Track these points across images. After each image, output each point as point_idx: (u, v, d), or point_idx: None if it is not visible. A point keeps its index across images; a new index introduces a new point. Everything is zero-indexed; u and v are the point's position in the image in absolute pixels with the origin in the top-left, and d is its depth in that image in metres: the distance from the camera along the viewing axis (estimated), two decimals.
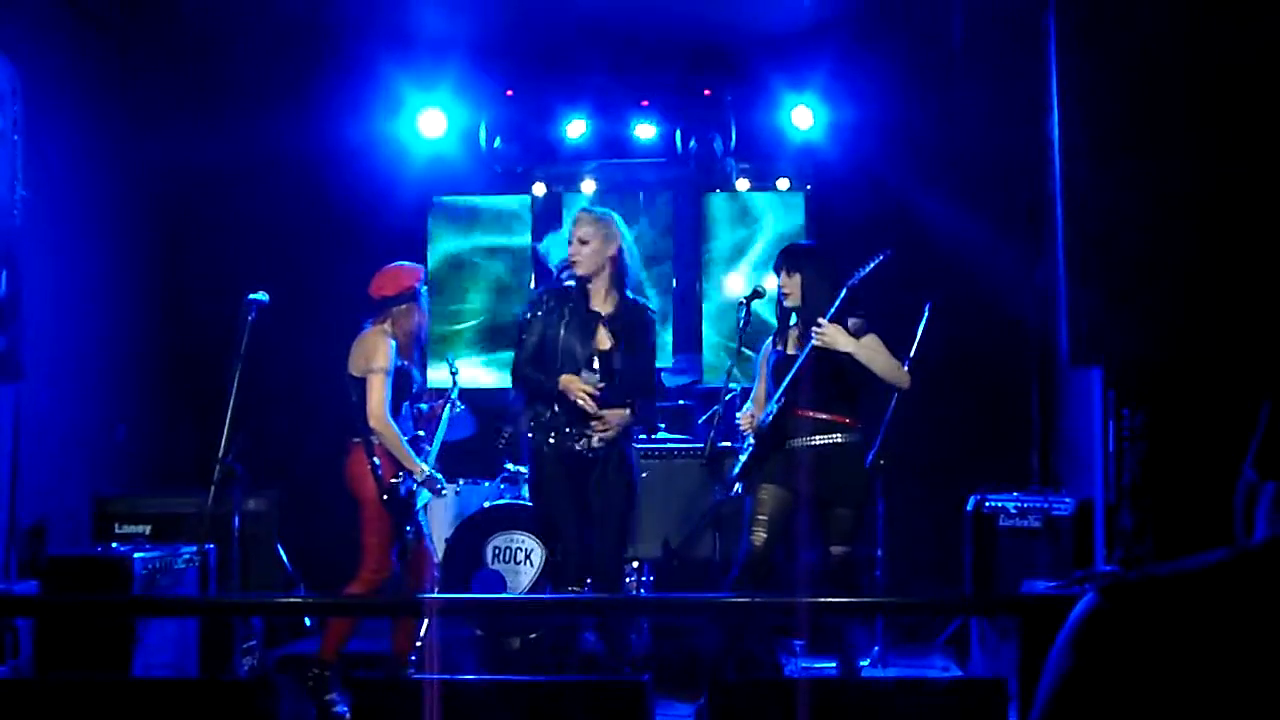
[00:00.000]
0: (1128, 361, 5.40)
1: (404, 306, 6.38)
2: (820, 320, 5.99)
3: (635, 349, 6.05)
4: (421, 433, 6.63)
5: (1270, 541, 1.57)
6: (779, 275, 6.28)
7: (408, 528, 6.33)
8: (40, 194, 6.32)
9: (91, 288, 7.62)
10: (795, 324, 6.26)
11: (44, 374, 6.59)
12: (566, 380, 5.94)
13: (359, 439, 6.27)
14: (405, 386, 6.39)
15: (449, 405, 6.92)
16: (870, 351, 6.07)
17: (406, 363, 6.38)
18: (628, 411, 6.04)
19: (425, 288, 6.51)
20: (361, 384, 6.26)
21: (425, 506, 6.55)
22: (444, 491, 6.61)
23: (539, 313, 6.09)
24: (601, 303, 6.07)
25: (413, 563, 6.51)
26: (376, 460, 6.22)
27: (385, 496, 6.21)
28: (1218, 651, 1.48)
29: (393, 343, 6.30)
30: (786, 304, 6.27)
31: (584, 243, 6.00)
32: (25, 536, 6.58)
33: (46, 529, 6.78)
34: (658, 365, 8.41)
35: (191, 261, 8.42)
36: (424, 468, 6.35)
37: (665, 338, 9.42)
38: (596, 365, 5.99)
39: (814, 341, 5.98)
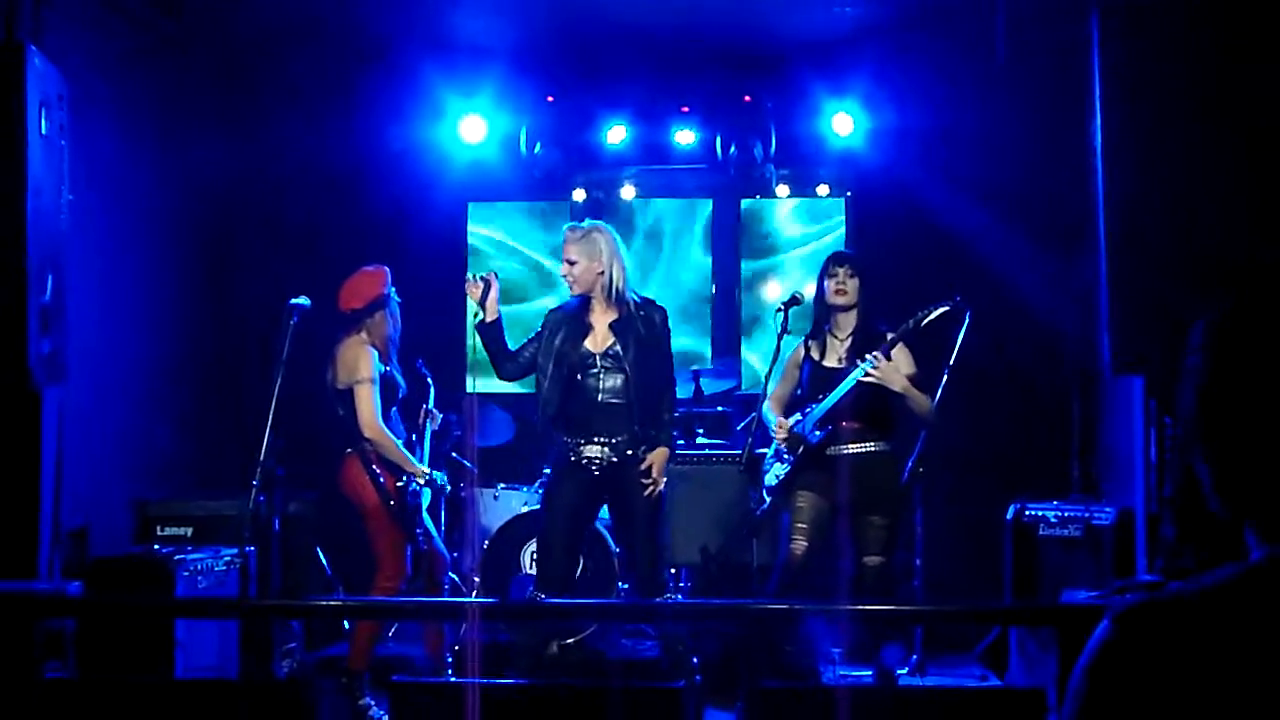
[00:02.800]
0: (1170, 370, 5.36)
1: (378, 315, 6.40)
2: (876, 355, 6.00)
3: (648, 346, 6.05)
4: (414, 436, 6.67)
5: (1273, 556, 1.56)
6: (837, 271, 6.27)
7: (419, 530, 6.36)
8: (86, 198, 6.38)
9: (135, 291, 7.68)
10: (844, 336, 6.27)
11: (87, 377, 6.64)
12: None
13: (352, 450, 6.31)
14: (392, 392, 6.42)
15: (429, 417, 6.93)
16: (916, 395, 6.13)
17: (388, 369, 6.41)
18: (665, 450, 6.06)
19: (394, 290, 6.52)
20: (347, 396, 6.30)
21: (430, 506, 6.57)
22: (446, 489, 6.65)
23: (544, 331, 6.12)
24: (603, 313, 6.08)
25: (426, 565, 6.53)
26: (376, 469, 6.25)
27: (392, 503, 6.25)
28: (1228, 670, 1.48)
29: (374, 351, 6.32)
30: (837, 301, 6.27)
31: (572, 263, 6.04)
32: (68, 538, 6.63)
33: (89, 531, 6.83)
34: (697, 369, 8.45)
35: (234, 265, 8.48)
36: (424, 469, 6.39)
37: (704, 344, 9.43)
38: (597, 368, 6.01)
39: (867, 379, 6.01)
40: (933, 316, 6.11)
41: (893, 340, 6.12)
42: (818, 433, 6.17)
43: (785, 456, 6.31)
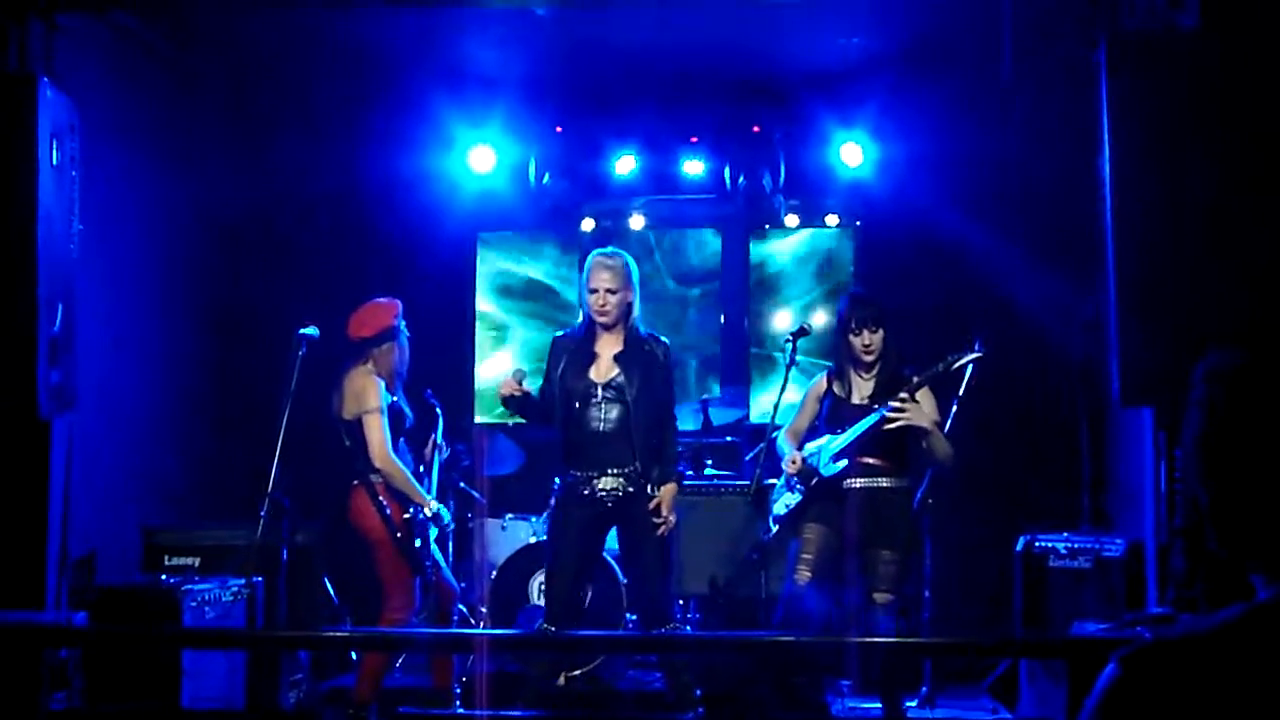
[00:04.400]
0: (1180, 401, 5.33)
1: (385, 346, 6.39)
2: (904, 396, 5.98)
3: (652, 379, 6.03)
4: (422, 468, 6.63)
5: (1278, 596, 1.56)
6: (861, 332, 6.22)
7: (427, 562, 6.33)
8: (95, 226, 6.39)
9: (144, 320, 7.68)
10: (870, 376, 6.25)
11: (96, 405, 6.64)
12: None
13: (358, 481, 6.29)
14: (399, 423, 6.40)
15: (436, 449, 6.89)
16: (940, 437, 6.11)
17: (395, 399, 6.39)
18: (674, 486, 6.04)
19: (403, 323, 6.51)
20: (354, 426, 6.29)
21: (436, 539, 6.54)
22: (451, 526, 6.60)
23: (551, 360, 6.10)
24: (610, 342, 6.06)
25: (435, 597, 6.50)
26: (383, 500, 6.23)
27: (399, 534, 6.22)
28: (1235, 711, 1.47)
29: (380, 382, 6.31)
30: (867, 359, 6.24)
31: (612, 292, 5.99)
32: (76, 567, 6.62)
33: (96, 560, 6.82)
34: (705, 398, 8.45)
35: (243, 294, 8.48)
36: (432, 502, 6.36)
37: (713, 375, 9.41)
38: (599, 398, 5.99)
39: (897, 419, 5.97)
40: (962, 362, 6.08)
41: (919, 383, 6.09)
42: (835, 465, 6.14)
43: (797, 487, 6.28)
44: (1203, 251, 5.06)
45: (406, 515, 6.24)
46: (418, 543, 6.28)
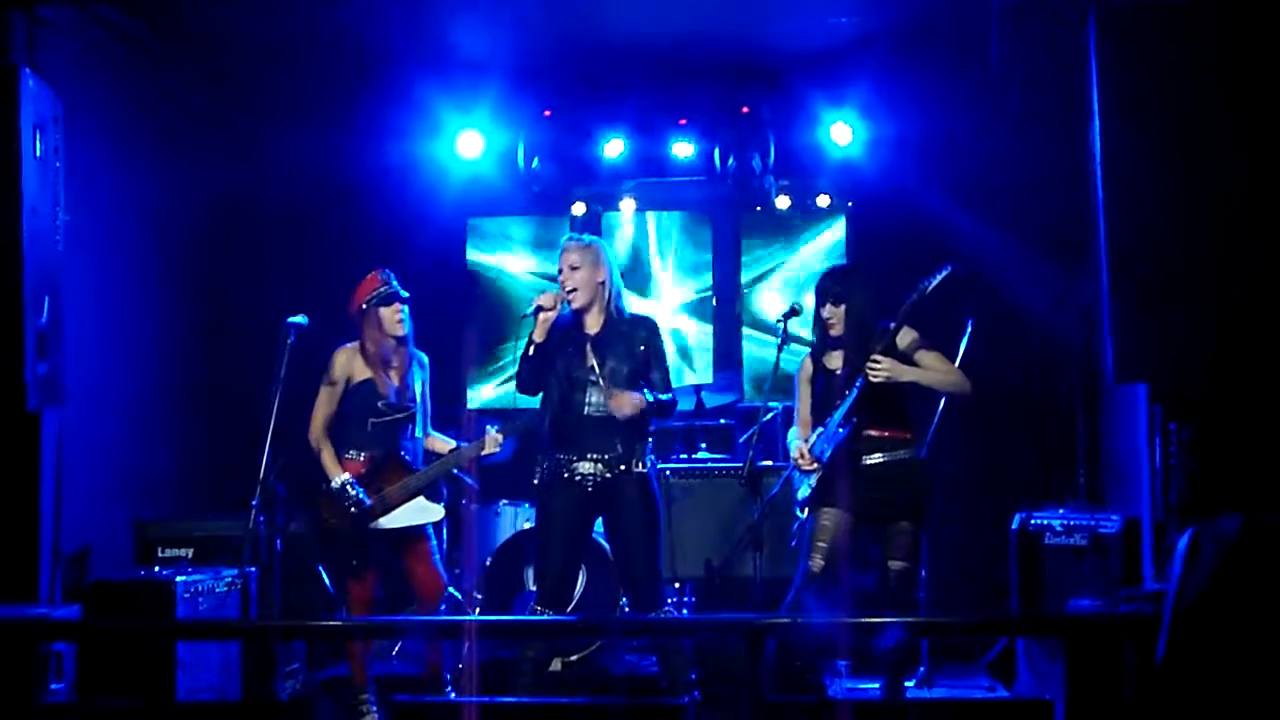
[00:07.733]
0: (1173, 377, 5.34)
1: (364, 319, 6.35)
2: (875, 358, 5.93)
3: (633, 361, 6.02)
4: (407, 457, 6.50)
5: None
6: (824, 305, 6.20)
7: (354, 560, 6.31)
8: (82, 218, 6.36)
9: (132, 311, 7.65)
10: (840, 347, 6.21)
11: (86, 398, 6.62)
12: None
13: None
14: (368, 400, 6.33)
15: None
16: (931, 372, 6.05)
17: (371, 377, 6.32)
18: (639, 396, 5.94)
19: (384, 293, 6.36)
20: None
21: (440, 524, 6.48)
22: (353, 509, 6.26)
23: (545, 343, 6.05)
24: (593, 327, 6.06)
25: (423, 584, 6.41)
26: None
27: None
28: None
29: (349, 355, 6.32)
30: (831, 334, 6.21)
31: (575, 269, 6.01)
32: (68, 561, 6.60)
33: (89, 553, 6.80)
34: (699, 384, 8.43)
35: (232, 283, 8.46)
36: (339, 476, 6.25)
37: (705, 357, 9.40)
38: (580, 382, 5.98)
39: (873, 379, 5.92)
40: (935, 283, 6.00)
41: (896, 326, 6.04)
42: (842, 430, 6.07)
43: (814, 469, 6.22)
44: (1195, 227, 5.06)
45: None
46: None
